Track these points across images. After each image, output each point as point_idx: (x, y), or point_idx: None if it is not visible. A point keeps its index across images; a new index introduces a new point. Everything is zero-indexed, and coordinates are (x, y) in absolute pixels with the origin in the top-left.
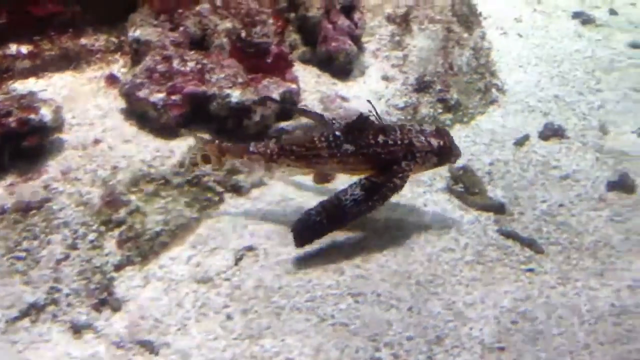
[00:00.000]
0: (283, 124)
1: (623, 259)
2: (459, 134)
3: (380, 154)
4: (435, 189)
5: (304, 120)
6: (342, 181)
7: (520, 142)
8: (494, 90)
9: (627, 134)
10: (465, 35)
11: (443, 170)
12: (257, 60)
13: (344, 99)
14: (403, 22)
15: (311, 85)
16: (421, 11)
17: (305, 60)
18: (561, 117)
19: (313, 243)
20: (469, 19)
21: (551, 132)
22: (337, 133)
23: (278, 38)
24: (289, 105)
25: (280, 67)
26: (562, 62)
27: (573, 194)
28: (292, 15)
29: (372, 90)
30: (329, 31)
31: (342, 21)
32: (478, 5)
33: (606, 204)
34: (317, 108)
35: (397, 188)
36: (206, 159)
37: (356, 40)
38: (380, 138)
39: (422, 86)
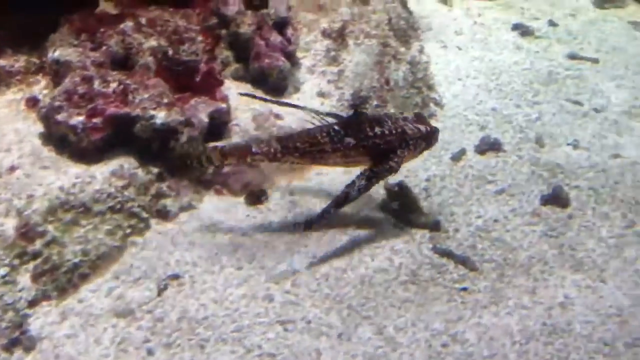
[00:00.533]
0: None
1: (556, 275)
2: None
3: (379, 144)
4: (370, 207)
5: (234, 139)
6: (276, 203)
7: (456, 157)
8: (431, 104)
9: (562, 146)
10: (402, 49)
11: (379, 187)
12: (185, 79)
13: (277, 116)
14: (339, 37)
15: (244, 102)
16: (357, 26)
17: (238, 77)
18: (498, 130)
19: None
20: (406, 32)
21: (487, 146)
22: (337, 127)
23: (207, 55)
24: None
25: (210, 85)
26: (500, 75)
27: (508, 209)
28: (224, 31)
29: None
30: (261, 48)
31: (275, 37)
32: (420, 19)
33: (540, 218)
34: (250, 126)
35: (392, 170)
36: (210, 161)
37: (290, 56)
38: (377, 129)
39: (358, 102)
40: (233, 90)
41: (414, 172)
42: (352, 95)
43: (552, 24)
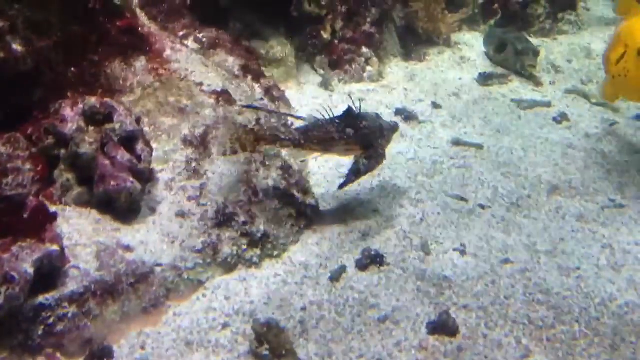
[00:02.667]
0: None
1: None
2: (268, 274)
3: (368, 135)
4: (237, 354)
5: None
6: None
7: (335, 276)
8: (308, 211)
9: (449, 252)
10: (272, 152)
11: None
12: (9, 218)
13: (127, 248)
14: (201, 144)
15: (88, 234)
16: (221, 130)
17: (82, 203)
18: (381, 237)
19: None
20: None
21: (369, 260)
22: (337, 121)
23: (39, 186)
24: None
25: (39, 223)
26: (383, 168)
27: (392, 341)
28: (63, 151)
29: (164, 232)
30: (106, 168)
31: (122, 155)
32: (300, 108)
33: (427, 352)
34: (92, 266)
35: (382, 156)
36: (243, 146)
37: (141, 175)
38: (365, 123)
39: (223, 220)
40: (75, 219)
41: (289, 300)
42: (216, 213)
43: (435, 105)
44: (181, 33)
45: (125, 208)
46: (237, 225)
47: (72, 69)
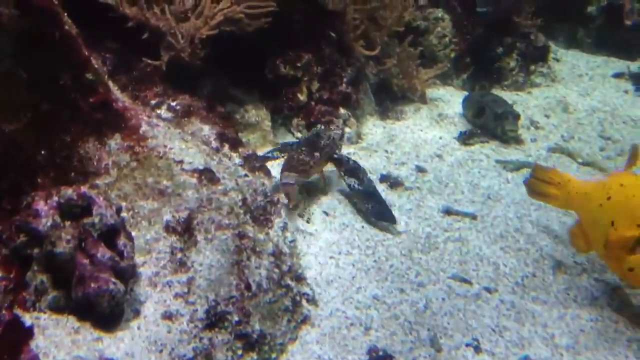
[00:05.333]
0: None
1: None
2: None
3: (328, 151)
4: None
5: None
6: None
7: None
8: (304, 302)
9: (461, 349)
10: (262, 236)
11: None
12: None
13: None
14: (185, 231)
15: (66, 348)
16: (206, 214)
17: (59, 308)
18: (385, 331)
19: None
20: (266, 209)
21: None
22: (304, 148)
23: (11, 296)
24: None
25: (13, 343)
26: (376, 246)
27: None
28: (37, 250)
29: (151, 340)
30: (85, 269)
31: (103, 253)
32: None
33: None
34: None
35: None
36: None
37: (123, 274)
38: (322, 142)
39: (214, 320)
40: (51, 328)
41: None
42: (207, 313)
43: (420, 169)
44: (153, 102)
45: (107, 313)
46: (230, 325)
47: (43, 151)
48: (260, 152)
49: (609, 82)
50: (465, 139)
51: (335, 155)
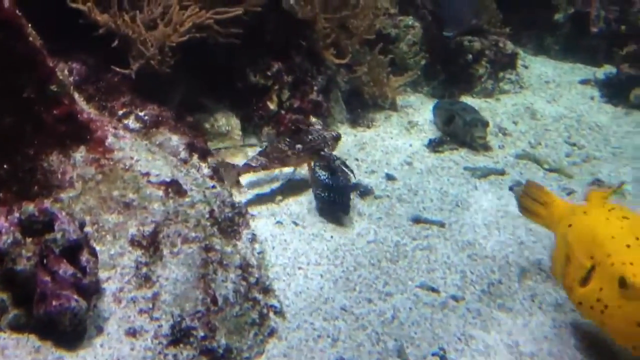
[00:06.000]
0: None
1: None
2: None
3: (314, 146)
4: None
5: None
6: None
7: None
8: (271, 315)
9: (428, 359)
10: (229, 248)
11: None
12: None
13: None
14: (151, 245)
15: None
16: (173, 228)
17: (19, 327)
18: (352, 342)
19: None
20: (234, 221)
21: None
22: (288, 140)
23: None
24: None
25: None
26: (345, 256)
27: None
28: None
29: (114, 357)
30: (47, 286)
31: (65, 269)
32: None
33: None
34: None
35: (346, 165)
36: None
37: (86, 291)
38: (309, 137)
39: (179, 336)
40: (10, 350)
41: None
42: (172, 328)
43: (389, 177)
44: (121, 112)
45: (69, 331)
46: (195, 341)
47: (5, 165)
48: (230, 161)
49: (576, 89)
50: (434, 146)
51: (323, 153)
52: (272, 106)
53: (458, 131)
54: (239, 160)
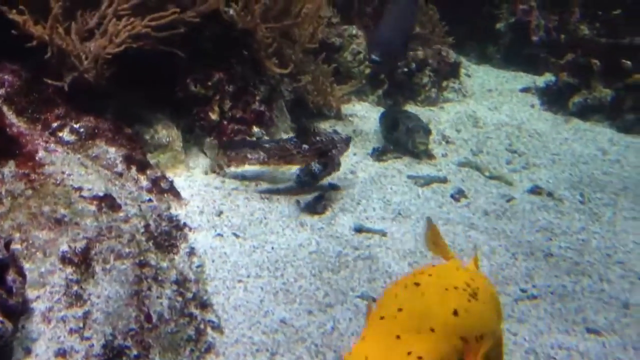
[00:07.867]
0: None
1: None
2: None
3: (321, 147)
4: None
5: None
6: None
7: None
8: (209, 330)
9: None
10: (165, 263)
11: None
12: None
13: None
14: (82, 262)
15: None
16: (105, 244)
17: None
18: (291, 356)
19: None
20: (171, 234)
21: None
22: (294, 139)
23: None
24: None
25: None
26: (285, 267)
27: None
28: None
29: None
30: None
31: None
32: (192, 197)
33: None
34: None
35: (338, 164)
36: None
37: (12, 312)
38: (317, 137)
39: (111, 355)
40: None
41: None
42: (103, 348)
43: (333, 187)
44: (55, 124)
45: None
46: None
47: None
48: (170, 174)
49: (517, 97)
50: (378, 155)
51: (330, 154)
52: (213, 116)
53: (401, 137)
54: (180, 171)
